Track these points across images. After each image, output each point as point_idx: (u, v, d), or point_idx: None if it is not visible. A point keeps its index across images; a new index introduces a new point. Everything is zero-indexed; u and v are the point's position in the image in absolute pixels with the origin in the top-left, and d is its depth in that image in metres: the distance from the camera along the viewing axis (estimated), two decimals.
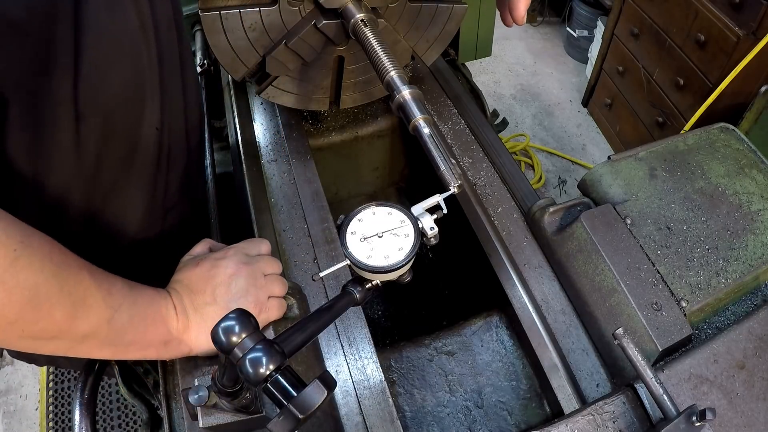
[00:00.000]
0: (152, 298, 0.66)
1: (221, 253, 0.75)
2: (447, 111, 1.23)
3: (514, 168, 1.09)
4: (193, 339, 0.69)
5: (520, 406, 0.93)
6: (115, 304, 0.60)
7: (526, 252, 0.95)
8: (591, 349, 0.84)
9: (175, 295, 0.69)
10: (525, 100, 3.50)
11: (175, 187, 0.86)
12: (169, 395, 0.74)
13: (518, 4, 0.87)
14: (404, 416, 0.91)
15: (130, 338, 0.63)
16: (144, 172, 0.78)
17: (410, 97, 0.76)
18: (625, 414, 0.70)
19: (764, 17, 1.95)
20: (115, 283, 0.61)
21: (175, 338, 0.67)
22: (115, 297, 0.60)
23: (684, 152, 0.97)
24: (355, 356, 0.82)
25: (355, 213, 0.60)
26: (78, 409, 0.82)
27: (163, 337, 0.66)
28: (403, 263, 0.57)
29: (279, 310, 0.75)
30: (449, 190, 0.65)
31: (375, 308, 1.38)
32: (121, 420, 2.14)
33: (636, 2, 2.59)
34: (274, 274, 0.77)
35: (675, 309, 0.79)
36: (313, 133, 1.26)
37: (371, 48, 0.83)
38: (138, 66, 0.69)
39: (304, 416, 0.45)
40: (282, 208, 1.01)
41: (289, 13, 0.91)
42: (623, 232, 0.85)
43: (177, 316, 0.67)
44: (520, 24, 0.88)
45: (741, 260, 0.84)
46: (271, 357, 0.46)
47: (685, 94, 2.41)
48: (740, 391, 0.72)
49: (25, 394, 2.26)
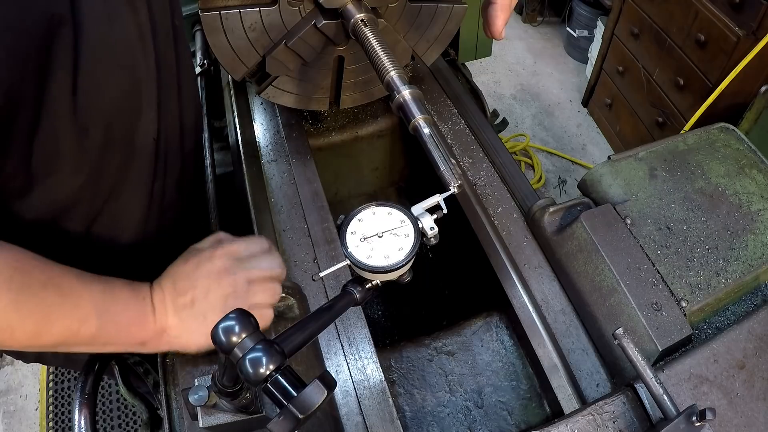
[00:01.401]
0: (127, 302, 0.66)
1: (209, 252, 0.72)
2: (447, 111, 1.23)
3: (514, 168, 1.09)
4: (173, 339, 0.69)
5: (520, 406, 0.93)
6: (82, 316, 0.60)
7: (526, 252, 0.95)
8: (591, 349, 0.84)
9: (158, 292, 0.69)
10: (525, 100, 3.50)
11: (173, 188, 0.86)
12: (169, 395, 0.74)
13: (495, 20, 0.82)
14: (404, 416, 0.91)
15: (103, 341, 0.64)
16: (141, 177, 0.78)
17: (410, 97, 0.76)
18: (625, 414, 0.70)
19: (764, 17, 1.95)
20: (83, 294, 0.62)
21: (153, 338, 0.67)
22: (83, 308, 0.61)
23: (684, 152, 0.97)
24: (355, 356, 0.82)
25: (355, 213, 0.60)
26: (78, 409, 0.82)
27: (139, 338, 0.66)
28: (403, 263, 0.57)
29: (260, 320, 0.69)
30: (449, 190, 0.65)
31: (375, 308, 1.38)
32: (121, 420, 2.15)
33: (636, 2, 2.59)
34: (261, 279, 0.72)
35: (675, 309, 0.79)
36: (313, 133, 1.26)
37: (371, 48, 0.82)
38: (136, 76, 0.69)
39: (304, 416, 0.45)
40: (282, 208, 1.01)
41: (289, 13, 0.91)
42: (623, 232, 0.85)
43: (155, 317, 0.67)
44: (498, 39, 0.85)
45: (741, 260, 0.84)
46: (271, 357, 0.46)
47: (685, 94, 2.41)
48: (740, 391, 0.72)
49: (25, 394, 2.26)
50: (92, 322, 0.61)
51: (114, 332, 0.64)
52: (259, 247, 0.76)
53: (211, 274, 0.70)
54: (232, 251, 0.73)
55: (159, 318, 0.67)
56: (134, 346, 0.67)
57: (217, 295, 0.69)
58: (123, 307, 0.65)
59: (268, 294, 0.73)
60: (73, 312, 0.60)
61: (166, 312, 0.68)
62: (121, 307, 0.65)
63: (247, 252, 0.74)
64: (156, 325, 0.67)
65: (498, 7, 0.81)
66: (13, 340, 0.57)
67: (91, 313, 0.61)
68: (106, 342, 0.65)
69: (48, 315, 0.58)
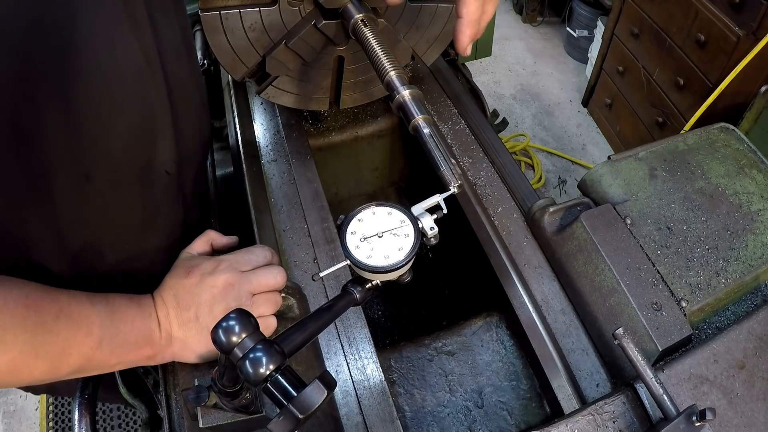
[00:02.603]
0: (134, 321, 0.65)
1: (211, 264, 0.71)
2: (447, 111, 1.23)
3: (514, 168, 1.09)
4: (177, 352, 0.69)
5: (520, 406, 0.93)
6: (94, 343, 0.60)
7: (526, 252, 0.95)
8: (591, 349, 0.84)
9: (161, 307, 0.68)
10: (525, 100, 3.50)
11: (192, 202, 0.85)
12: (169, 395, 0.74)
13: (460, 35, 0.76)
14: (404, 416, 0.91)
15: (114, 362, 0.64)
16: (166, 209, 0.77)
17: (410, 97, 0.76)
18: (625, 414, 0.70)
19: (764, 17, 1.95)
20: (93, 319, 0.61)
21: (159, 353, 0.68)
22: (95, 335, 0.60)
23: (684, 152, 0.97)
24: (355, 356, 0.82)
25: (355, 213, 0.60)
26: (78, 409, 0.82)
27: (147, 354, 0.66)
28: (403, 263, 0.57)
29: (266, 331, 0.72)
30: (449, 190, 0.65)
31: (375, 308, 1.38)
32: (121, 420, 2.15)
33: (636, 2, 2.59)
34: (264, 292, 0.72)
35: (675, 309, 0.79)
36: (313, 133, 1.25)
37: (371, 48, 0.82)
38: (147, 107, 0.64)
39: (304, 416, 0.45)
40: (282, 208, 1.01)
41: (289, 13, 0.91)
42: (623, 232, 0.85)
43: (161, 333, 0.67)
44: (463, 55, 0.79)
45: (741, 260, 0.84)
46: (271, 357, 0.46)
47: (685, 94, 2.41)
48: (740, 391, 0.72)
49: (25, 394, 2.25)
50: (105, 346, 0.61)
51: (124, 353, 0.64)
52: (262, 258, 0.76)
53: (214, 288, 0.69)
54: (234, 262, 0.73)
55: (164, 333, 0.67)
56: (142, 361, 0.67)
57: (221, 308, 0.69)
58: (131, 326, 0.65)
59: (270, 304, 0.73)
60: (86, 340, 0.59)
61: (170, 326, 0.68)
62: (129, 327, 0.64)
63: (250, 265, 0.74)
64: (162, 340, 0.67)
65: (464, 22, 0.76)
66: (32, 377, 0.56)
67: (104, 337, 0.61)
68: (116, 363, 0.65)
69: (64, 348, 0.57)
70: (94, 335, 0.60)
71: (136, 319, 0.65)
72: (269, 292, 0.73)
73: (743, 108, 2.13)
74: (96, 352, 0.60)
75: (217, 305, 0.69)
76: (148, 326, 0.66)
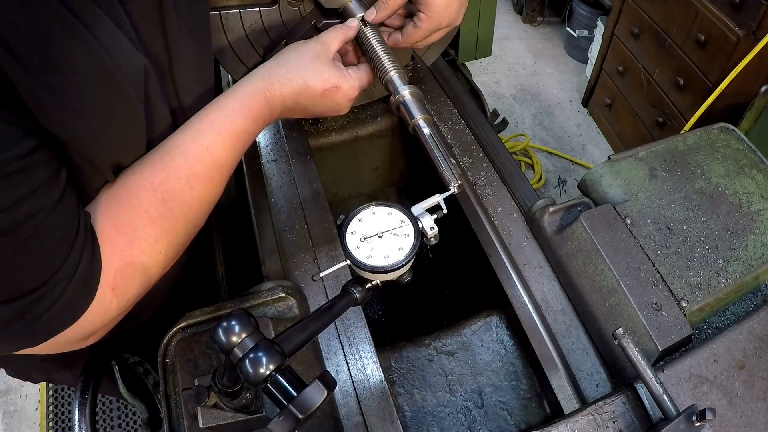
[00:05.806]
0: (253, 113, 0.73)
1: (332, 92, 0.80)
2: (447, 111, 1.23)
3: (514, 168, 1.09)
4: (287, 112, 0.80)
5: (520, 406, 0.93)
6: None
7: (526, 252, 0.95)
8: (591, 349, 0.84)
9: (271, 106, 0.75)
10: (525, 100, 3.50)
11: None
12: (169, 395, 0.74)
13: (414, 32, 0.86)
14: (404, 416, 0.91)
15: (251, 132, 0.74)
16: None
17: (410, 97, 0.76)
18: (625, 414, 0.70)
19: (764, 17, 1.95)
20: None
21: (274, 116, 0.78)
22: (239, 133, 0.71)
23: (684, 152, 0.97)
24: (355, 356, 0.82)
25: (355, 213, 0.60)
26: (78, 409, 0.82)
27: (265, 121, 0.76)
28: (403, 263, 0.57)
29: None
30: (449, 190, 0.65)
31: (375, 308, 1.38)
32: (121, 420, 2.15)
33: (636, 2, 2.59)
34: None
35: (675, 309, 0.79)
36: (313, 133, 1.25)
37: (371, 48, 0.83)
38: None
39: (304, 416, 0.45)
40: (282, 208, 1.01)
41: (289, 13, 0.91)
42: (623, 232, 0.85)
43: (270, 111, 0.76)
44: (402, 47, 0.90)
45: (741, 260, 0.84)
46: (271, 357, 0.46)
47: (685, 94, 2.41)
48: (740, 391, 0.72)
49: (25, 394, 2.26)
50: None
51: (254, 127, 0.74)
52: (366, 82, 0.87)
53: (329, 109, 0.82)
54: (351, 96, 0.84)
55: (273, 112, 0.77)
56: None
57: (323, 108, 0.82)
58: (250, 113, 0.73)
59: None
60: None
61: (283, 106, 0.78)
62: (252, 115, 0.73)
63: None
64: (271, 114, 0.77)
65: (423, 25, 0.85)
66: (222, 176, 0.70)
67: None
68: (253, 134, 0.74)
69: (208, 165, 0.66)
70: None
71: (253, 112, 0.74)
72: None
73: (743, 108, 2.13)
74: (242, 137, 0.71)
75: (320, 108, 0.82)
76: (260, 109, 0.74)
